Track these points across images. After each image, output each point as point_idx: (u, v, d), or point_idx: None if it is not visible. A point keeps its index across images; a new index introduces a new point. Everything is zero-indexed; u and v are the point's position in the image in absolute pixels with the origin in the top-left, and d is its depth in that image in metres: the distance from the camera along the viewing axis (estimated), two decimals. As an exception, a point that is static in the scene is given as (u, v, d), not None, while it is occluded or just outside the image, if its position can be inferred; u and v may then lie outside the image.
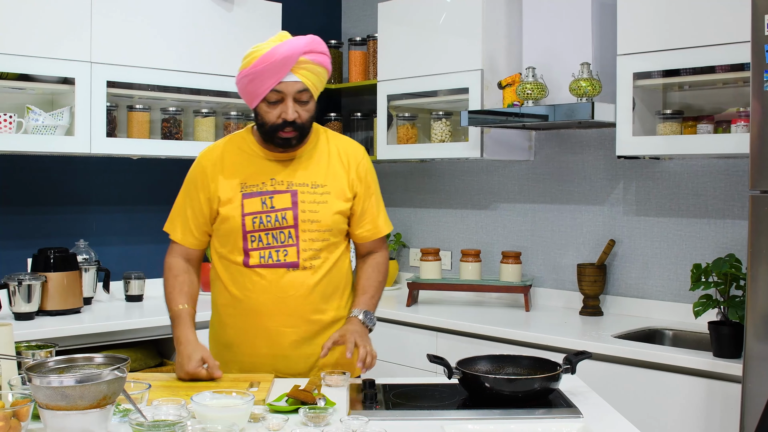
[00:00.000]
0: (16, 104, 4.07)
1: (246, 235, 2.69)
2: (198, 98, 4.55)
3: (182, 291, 2.75)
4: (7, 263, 4.24)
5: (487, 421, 2.22)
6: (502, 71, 4.31)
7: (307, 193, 2.71)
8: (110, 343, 3.89)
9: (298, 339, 2.73)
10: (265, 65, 2.59)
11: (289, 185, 2.71)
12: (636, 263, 4.15)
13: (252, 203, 2.69)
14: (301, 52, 2.59)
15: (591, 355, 2.54)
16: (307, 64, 2.61)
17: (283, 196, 2.70)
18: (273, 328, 2.72)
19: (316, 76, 2.65)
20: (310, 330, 2.74)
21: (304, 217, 2.69)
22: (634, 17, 3.66)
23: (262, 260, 2.69)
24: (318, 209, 2.71)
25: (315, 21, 5.49)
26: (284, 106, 2.62)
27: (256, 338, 2.73)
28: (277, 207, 2.69)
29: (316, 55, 2.64)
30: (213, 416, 2.01)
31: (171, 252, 2.85)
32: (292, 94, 2.62)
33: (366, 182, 2.84)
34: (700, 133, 3.61)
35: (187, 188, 2.81)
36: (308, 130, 2.71)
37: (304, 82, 2.61)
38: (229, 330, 2.79)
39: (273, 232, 2.69)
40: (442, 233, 5.05)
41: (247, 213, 2.69)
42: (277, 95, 2.62)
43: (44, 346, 2.49)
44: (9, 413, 1.89)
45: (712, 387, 3.14)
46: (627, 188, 4.18)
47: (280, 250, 2.69)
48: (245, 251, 2.70)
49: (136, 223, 4.75)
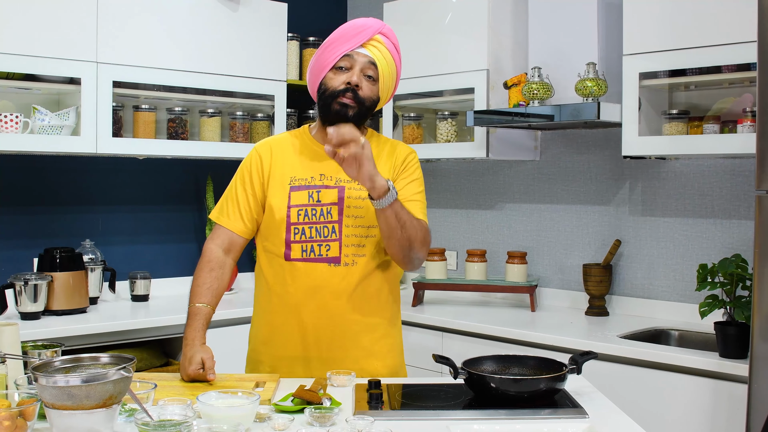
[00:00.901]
0: (23, 104, 4.07)
1: (290, 226, 2.67)
2: (204, 98, 4.56)
3: (211, 288, 2.70)
4: (14, 263, 4.24)
5: (492, 421, 2.22)
6: (508, 71, 4.31)
7: (354, 189, 2.68)
8: (116, 343, 3.90)
9: (335, 339, 2.68)
10: (341, 32, 2.67)
11: (338, 181, 2.70)
12: (642, 263, 4.14)
13: (299, 196, 2.68)
14: (378, 30, 2.67)
15: (597, 356, 2.53)
16: (380, 45, 2.66)
17: (331, 191, 2.69)
18: (309, 323, 2.67)
19: (386, 63, 2.67)
20: (348, 330, 2.69)
21: (348, 212, 2.67)
22: (640, 17, 3.66)
23: (304, 254, 2.66)
24: (362, 205, 2.67)
25: (320, 21, 5.49)
26: (351, 74, 2.65)
27: (291, 335, 2.69)
28: (323, 201, 2.68)
29: (389, 42, 2.69)
30: (219, 416, 2.01)
31: (213, 238, 2.78)
32: (361, 64, 2.65)
33: (406, 170, 2.77)
34: (706, 133, 3.61)
35: (241, 175, 2.79)
36: (366, 110, 2.69)
37: (374, 57, 2.66)
38: (264, 326, 2.76)
39: (317, 226, 2.67)
40: (447, 233, 5.05)
41: (293, 205, 2.68)
42: (347, 62, 2.65)
43: (50, 345, 2.49)
44: (15, 412, 1.90)
45: (718, 387, 3.14)
46: (633, 188, 4.18)
47: (323, 245, 2.66)
48: (287, 243, 2.67)
49: (142, 223, 4.76)
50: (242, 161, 2.83)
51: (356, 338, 2.71)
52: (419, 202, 2.75)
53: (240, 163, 2.85)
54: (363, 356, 2.72)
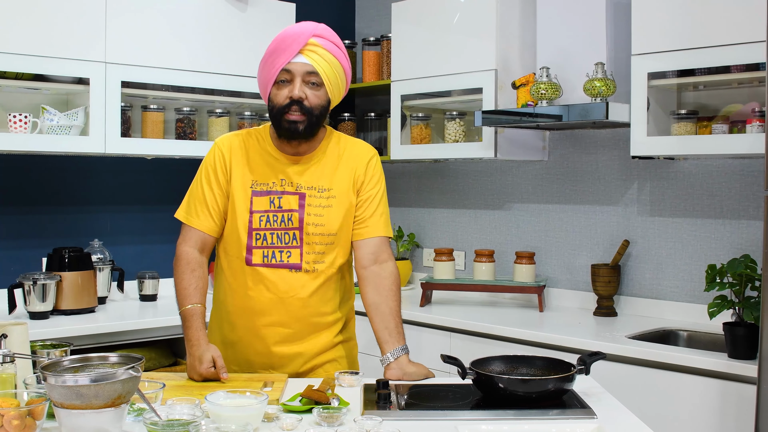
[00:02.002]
0: (32, 104, 4.09)
1: (251, 232, 2.69)
2: (212, 98, 4.57)
3: (197, 287, 2.71)
4: (22, 263, 4.26)
5: (500, 421, 2.22)
6: (516, 71, 4.31)
7: (314, 197, 2.70)
8: (124, 343, 3.90)
9: (295, 339, 2.73)
10: (274, 46, 2.63)
11: (298, 187, 2.70)
12: (650, 264, 4.13)
13: (260, 201, 2.69)
14: (311, 33, 2.62)
15: (605, 356, 2.53)
16: (317, 48, 2.61)
17: (291, 197, 2.70)
18: (271, 327, 2.71)
19: (328, 65, 2.63)
20: (307, 330, 2.74)
21: (309, 220, 2.68)
22: (648, 17, 3.65)
23: (265, 260, 2.68)
24: (323, 213, 2.70)
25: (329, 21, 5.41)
26: (292, 86, 2.62)
27: (254, 337, 2.73)
28: (284, 207, 2.69)
29: (327, 42, 2.64)
30: (227, 416, 2.01)
31: (186, 240, 2.76)
32: (300, 74, 2.61)
33: (369, 180, 2.79)
34: (714, 133, 3.60)
35: (205, 172, 2.76)
36: (317, 119, 2.66)
37: (312, 65, 2.61)
38: (227, 327, 2.79)
39: (278, 233, 2.68)
40: (455, 233, 5.05)
41: (255, 210, 2.69)
42: (287, 75, 2.62)
43: (59, 345, 2.50)
44: (24, 412, 1.90)
45: (726, 388, 3.13)
46: (641, 188, 4.17)
47: (284, 251, 2.68)
48: (248, 248, 2.69)
49: (151, 223, 4.77)
50: (204, 158, 2.80)
51: (316, 334, 2.76)
52: (383, 215, 2.81)
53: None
54: (323, 354, 2.78)
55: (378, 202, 2.79)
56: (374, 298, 2.74)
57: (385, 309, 2.72)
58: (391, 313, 2.72)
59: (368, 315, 2.75)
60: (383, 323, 2.70)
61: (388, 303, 2.73)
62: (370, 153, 2.84)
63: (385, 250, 2.80)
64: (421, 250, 5.24)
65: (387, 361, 2.66)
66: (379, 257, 2.78)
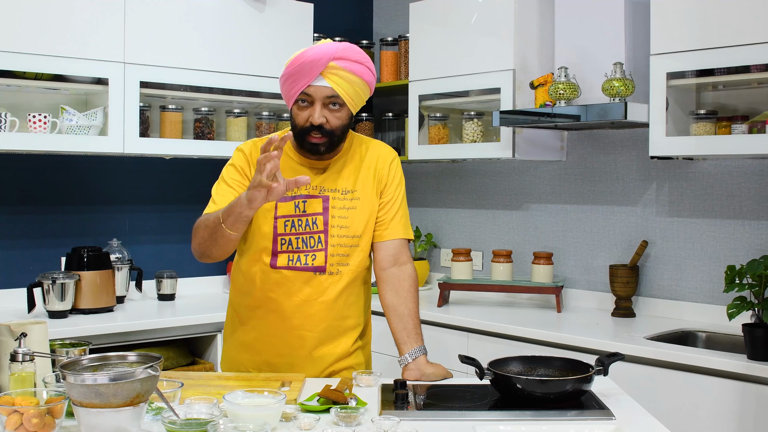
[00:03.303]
0: (51, 104, 4.11)
1: (276, 237, 2.69)
2: (230, 98, 4.58)
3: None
4: (42, 262, 4.28)
5: (518, 422, 2.22)
6: (534, 71, 4.30)
7: (338, 199, 2.70)
8: (142, 342, 3.92)
9: (318, 342, 2.73)
10: (296, 67, 2.58)
11: (322, 190, 2.70)
12: (669, 264, 4.12)
13: (285, 207, 2.68)
14: (331, 56, 2.55)
15: (624, 357, 2.52)
16: (338, 71, 2.56)
17: (315, 201, 2.70)
18: (294, 330, 2.71)
19: (349, 85, 2.59)
20: (330, 334, 2.74)
21: (333, 222, 2.69)
22: (667, 16, 3.63)
23: (290, 263, 2.68)
24: (347, 215, 2.70)
25: (346, 21, 5.50)
26: (312, 110, 2.60)
27: (276, 339, 2.73)
28: (308, 211, 2.69)
29: (348, 63, 2.58)
30: (245, 415, 2.01)
31: None
32: (320, 99, 2.58)
33: (391, 182, 2.80)
34: (734, 133, 3.58)
35: (229, 173, 2.74)
36: (338, 138, 2.65)
37: (333, 87, 2.56)
38: (248, 330, 2.78)
39: (303, 237, 2.68)
40: (473, 234, 5.04)
41: (280, 216, 2.68)
42: (307, 98, 2.60)
43: (78, 344, 2.51)
44: (44, 410, 1.91)
45: (745, 390, 3.11)
46: (660, 189, 4.15)
47: (309, 254, 2.68)
48: (273, 253, 2.69)
49: (169, 223, 4.78)
50: (228, 163, 2.77)
51: (338, 338, 2.76)
52: (403, 217, 2.82)
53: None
54: (342, 356, 2.77)
55: (399, 205, 2.80)
56: (393, 300, 2.74)
57: (404, 310, 2.72)
58: (409, 314, 2.72)
59: (386, 316, 2.76)
60: (401, 324, 2.71)
61: (407, 304, 2.73)
62: (392, 154, 2.85)
63: (404, 252, 2.80)
64: (438, 251, 5.23)
65: (405, 362, 2.66)
66: (399, 259, 2.78)
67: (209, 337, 4.16)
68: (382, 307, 2.78)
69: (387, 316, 2.75)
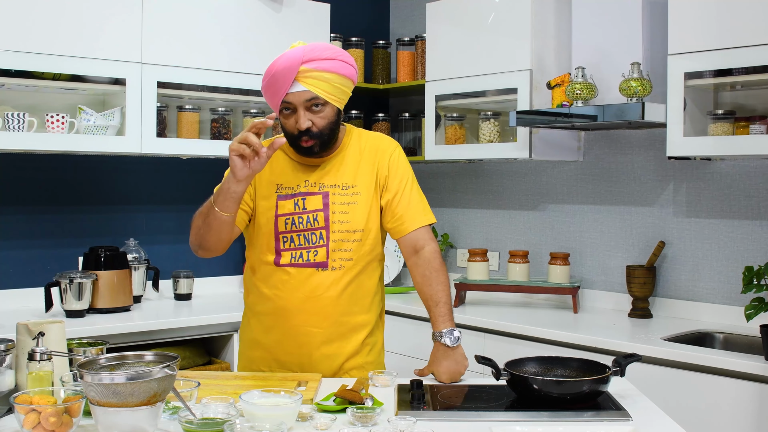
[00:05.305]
0: (68, 105, 4.13)
1: (278, 235, 2.71)
2: (247, 98, 4.59)
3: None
4: (59, 261, 4.30)
5: (535, 422, 2.21)
6: (551, 71, 4.29)
7: (338, 195, 2.72)
8: (159, 341, 3.93)
9: (325, 339, 2.73)
10: (269, 78, 2.61)
11: (321, 187, 2.72)
12: (686, 265, 4.10)
13: (286, 205, 2.71)
14: (299, 62, 2.56)
15: (640, 358, 2.51)
16: (311, 72, 2.57)
17: (315, 197, 2.71)
18: (301, 327, 2.72)
19: (326, 83, 2.59)
20: (337, 331, 2.74)
21: (334, 218, 2.70)
22: (685, 16, 3.62)
23: (293, 260, 2.70)
24: (348, 210, 2.71)
25: (363, 22, 5.50)
26: (297, 116, 2.61)
27: (284, 336, 2.74)
28: (309, 208, 2.70)
29: (318, 63, 2.58)
30: (261, 415, 2.02)
31: None
32: (301, 103, 2.59)
33: (394, 174, 2.78)
34: (752, 133, 3.56)
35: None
36: (329, 136, 2.67)
37: (311, 90, 2.57)
38: (258, 328, 2.81)
39: (305, 233, 2.70)
40: (489, 234, 5.04)
41: (281, 214, 2.70)
42: (289, 105, 2.62)
43: (95, 343, 2.52)
44: (61, 409, 1.92)
45: (763, 391, 3.10)
46: (677, 189, 4.14)
47: (311, 251, 2.69)
48: (277, 251, 2.72)
49: (186, 223, 4.73)
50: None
51: (347, 337, 2.77)
52: (418, 204, 2.80)
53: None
54: (351, 354, 2.77)
55: (410, 193, 2.78)
56: (418, 288, 2.78)
57: (424, 296, 2.76)
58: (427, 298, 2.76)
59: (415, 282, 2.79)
60: (428, 309, 2.76)
61: (423, 290, 2.76)
62: (392, 146, 2.84)
63: (421, 237, 2.78)
64: (455, 251, 5.23)
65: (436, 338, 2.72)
66: (416, 246, 2.78)
67: (225, 336, 4.16)
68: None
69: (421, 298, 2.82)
